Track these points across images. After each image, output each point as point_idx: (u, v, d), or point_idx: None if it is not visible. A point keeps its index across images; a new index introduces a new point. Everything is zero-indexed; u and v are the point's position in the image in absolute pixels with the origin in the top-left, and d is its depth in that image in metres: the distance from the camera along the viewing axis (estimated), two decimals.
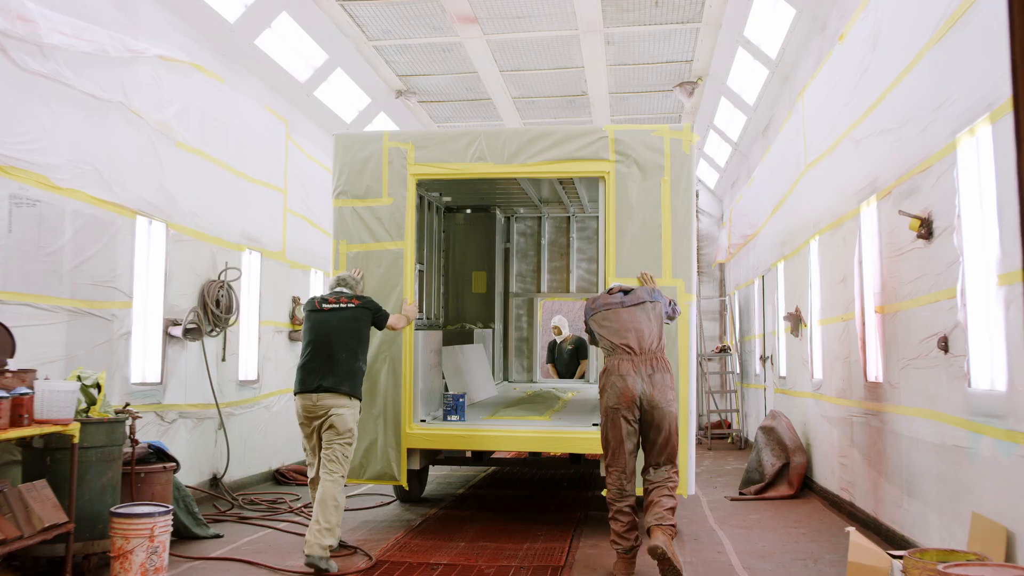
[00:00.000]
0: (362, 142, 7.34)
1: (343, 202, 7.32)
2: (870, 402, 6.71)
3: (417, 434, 7.08)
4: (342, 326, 6.24)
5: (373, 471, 7.01)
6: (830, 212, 7.91)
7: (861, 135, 6.86)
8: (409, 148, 7.15)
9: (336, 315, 6.28)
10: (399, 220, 7.13)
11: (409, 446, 7.06)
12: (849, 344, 7.27)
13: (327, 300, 6.40)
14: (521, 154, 7.02)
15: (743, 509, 8.26)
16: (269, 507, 8.28)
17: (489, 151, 7.03)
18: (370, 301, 6.51)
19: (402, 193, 7.15)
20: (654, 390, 5.61)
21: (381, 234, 7.17)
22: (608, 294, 6.12)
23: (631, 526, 5.58)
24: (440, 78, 11.83)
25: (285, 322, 10.45)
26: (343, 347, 6.17)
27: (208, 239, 8.55)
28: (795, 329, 9.42)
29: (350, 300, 6.36)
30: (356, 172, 7.28)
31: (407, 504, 8.40)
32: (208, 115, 8.56)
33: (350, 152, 7.34)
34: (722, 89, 11.70)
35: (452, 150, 7.11)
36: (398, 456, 7.02)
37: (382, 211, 7.17)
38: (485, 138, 7.06)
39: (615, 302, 5.96)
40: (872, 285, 6.63)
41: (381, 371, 7.09)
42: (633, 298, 5.96)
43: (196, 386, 8.27)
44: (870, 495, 6.78)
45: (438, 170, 7.17)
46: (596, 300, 6.15)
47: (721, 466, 11.49)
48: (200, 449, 8.33)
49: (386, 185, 7.17)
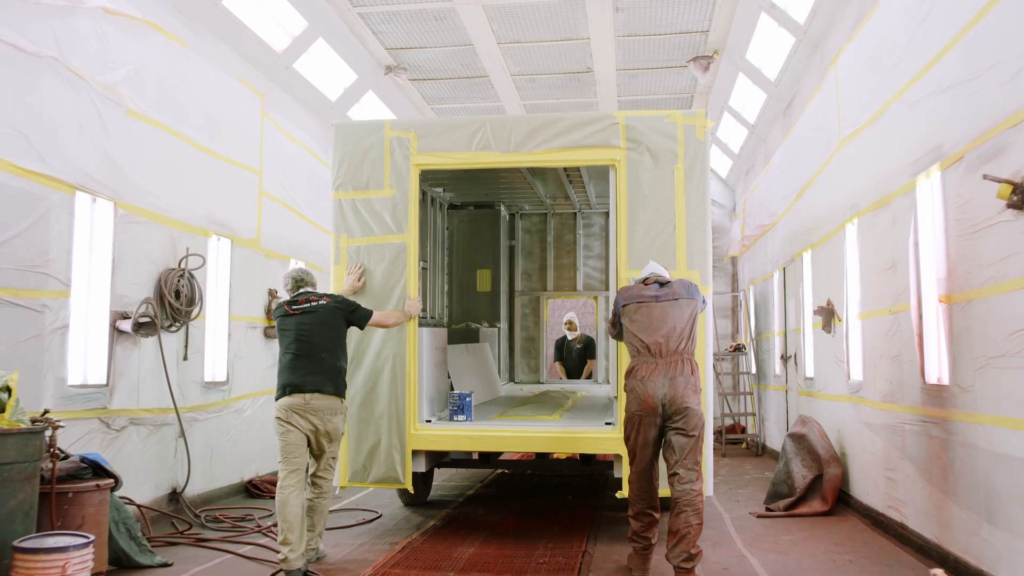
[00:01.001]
0: (363, 132, 7.02)
1: (343, 194, 6.98)
2: (930, 408, 5.72)
3: (422, 435, 6.78)
4: (317, 325, 5.93)
5: (376, 474, 6.69)
6: (873, 190, 6.92)
7: (918, 95, 5.87)
8: (411, 138, 6.91)
9: (308, 317, 5.95)
10: (402, 212, 6.86)
11: (414, 448, 6.73)
12: (900, 340, 6.28)
13: (296, 302, 6.04)
14: (527, 143, 6.77)
15: (773, 528, 7.27)
16: (234, 525, 7.29)
17: (495, 140, 6.79)
18: (342, 299, 6.15)
19: (404, 184, 6.88)
20: (676, 392, 5.42)
21: (383, 227, 6.88)
22: (643, 284, 5.81)
23: (651, 525, 5.59)
24: (433, 52, 10.83)
25: (260, 317, 9.45)
26: (322, 347, 5.90)
27: (167, 222, 7.56)
28: (827, 325, 8.42)
29: (320, 299, 6.03)
30: (356, 163, 6.96)
31: (411, 508, 8.13)
32: (167, 82, 7.57)
33: (350, 142, 7.00)
34: (740, 64, 10.71)
35: (456, 139, 6.86)
36: (403, 459, 6.69)
37: (384, 203, 6.90)
38: (490, 126, 6.81)
39: (650, 295, 5.68)
40: (934, 270, 5.64)
41: (384, 369, 6.73)
42: (669, 292, 5.68)
43: (151, 388, 7.27)
44: (931, 518, 5.79)
45: (441, 160, 6.91)
46: (630, 290, 5.83)
47: (739, 475, 10.50)
48: (156, 460, 7.33)
49: (388, 176, 6.91)
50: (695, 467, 5.41)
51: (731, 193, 15.75)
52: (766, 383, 12.56)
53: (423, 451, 6.82)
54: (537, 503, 8.60)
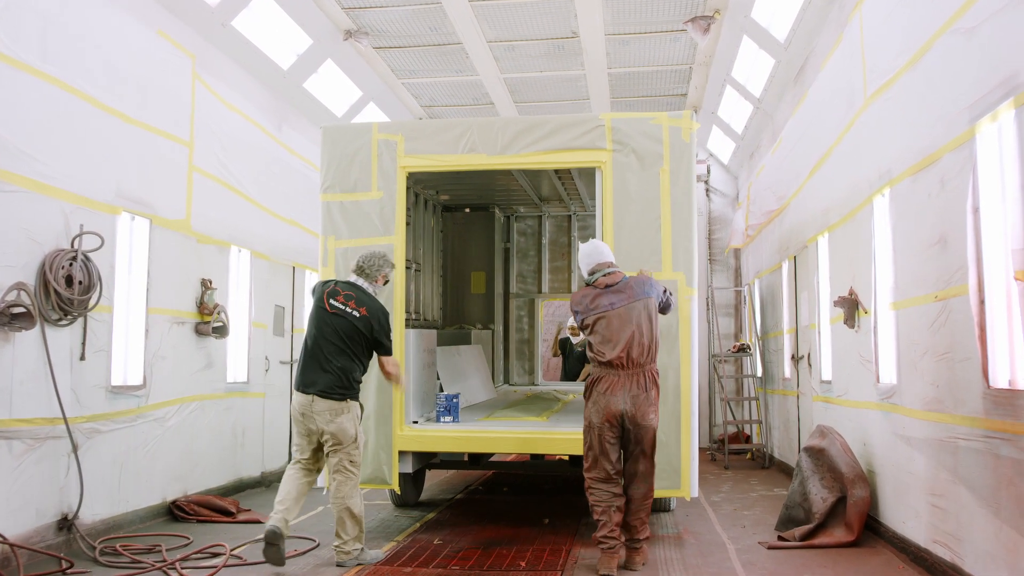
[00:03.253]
0: (350, 135, 7.17)
1: (331, 196, 7.10)
2: (997, 419, 4.43)
3: (408, 436, 6.91)
4: (343, 331, 5.92)
5: (364, 475, 6.62)
6: (913, 149, 5.63)
7: (978, 19, 4.59)
8: (399, 140, 7.04)
9: (340, 321, 5.93)
10: (389, 214, 6.98)
11: (401, 448, 6.86)
12: (952, 333, 4.98)
13: (336, 297, 5.98)
14: (514, 144, 6.92)
15: (788, 563, 5.96)
16: (133, 560, 5.98)
17: (481, 142, 6.94)
18: (379, 320, 6.01)
19: (392, 186, 7.00)
20: (636, 410, 5.71)
21: (371, 229, 6.98)
22: (594, 289, 5.90)
23: (616, 526, 5.75)
24: (395, 11, 9.52)
25: (190, 311, 8.14)
26: (340, 352, 5.90)
27: (57, 193, 6.27)
28: (850, 318, 7.12)
29: (358, 308, 5.96)
30: (344, 166, 7.08)
31: (401, 509, 8.13)
32: (56, 24, 6.29)
33: (338, 145, 7.13)
34: (745, 25, 9.42)
35: (443, 141, 7.01)
36: (389, 459, 6.80)
37: (371, 205, 7.02)
38: (477, 129, 6.97)
39: (605, 305, 5.80)
40: (1004, 240, 4.34)
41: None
42: (624, 298, 5.79)
43: (30, 394, 5.96)
44: (997, 562, 4.48)
45: (429, 162, 7.05)
46: (583, 301, 5.93)
47: (745, 492, 9.19)
48: (36, 482, 6.01)
49: (375, 178, 7.04)
50: (649, 470, 5.87)
51: (734, 180, 14.45)
52: (774, 387, 11.25)
53: (410, 452, 6.91)
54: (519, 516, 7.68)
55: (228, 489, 8.77)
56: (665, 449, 6.43)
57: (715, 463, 11.70)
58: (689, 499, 6.90)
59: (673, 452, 6.52)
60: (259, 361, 9.58)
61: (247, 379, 9.33)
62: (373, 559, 5.99)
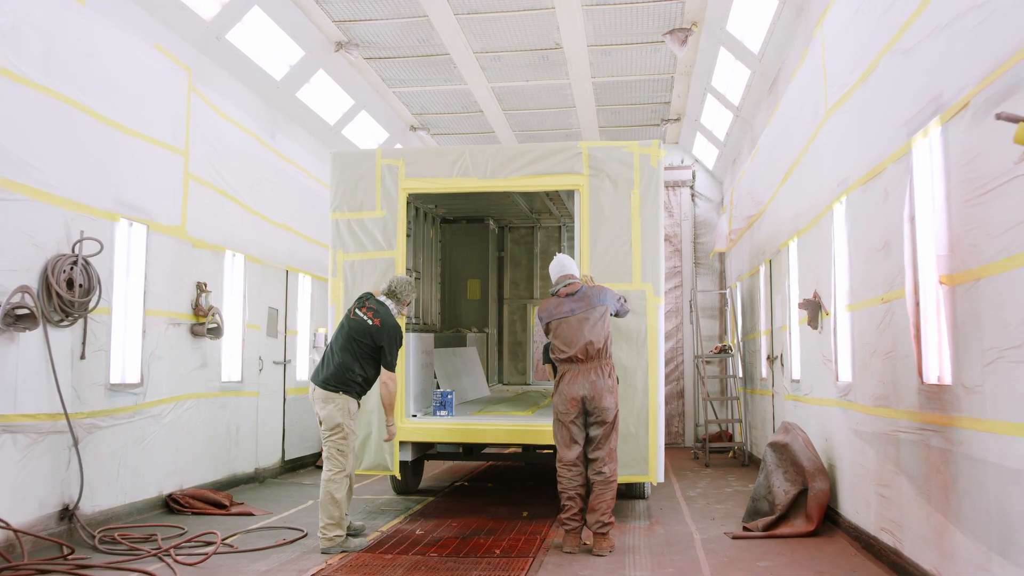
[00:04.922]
0: (357, 160, 7.96)
1: (339, 215, 7.91)
2: (929, 412, 4.78)
3: (408, 428, 7.78)
4: (355, 334, 6.47)
5: (368, 462, 7.57)
6: (864, 160, 5.98)
7: (913, 40, 4.94)
8: (400, 165, 7.85)
9: (355, 324, 6.51)
10: (391, 231, 7.78)
11: (401, 439, 7.65)
12: (894, 333, 5.33)
13: (362, 308, 6.59)
14: (503, 169, 7.72)
15: (749, 552, 6.31)
16: (131, 548, 6.33)
17: (473, 167, 7.74)
18: (391, 332, 6.48)
19: (394, 206, 7.80)
20: (595, 393, 6.41)
21: (374, 244, 7.80)
22: (557, 297, 6.69)
23: (579, 510, 6.43)
24: (384, 24, 9.89)
25: (186, 312, 8.50)
26: (349, 354, 6.43)
27: (58, 201, 6.62)
28: (813, 319, 7.47)
29: (374, 319, 6.49)
30: (351, 187, 7.88)
31: (402, 495, 8.87)
32: (59, 42, 6.65)
33: (346, 169, 7.93)
34: (721, 36, 9.78)
35: (439, 166, 7.82)
36: (391, 448, 7.53)
37: (375, 223, 7.81)
38: (469, 155, 7.77)
39: (566, 311, 6.57)
40: (933, 246, 4.70)
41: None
42: (582, 305, 6.56)
43: (34, 390, 6.32)
44: (929, 545, 4.83)
45: (426, 184, 7.89)
46: (548, 308, 6.72)
47: (720, 488, 9.53)
48: (39, 474, 6.36)
49: (379, 199, 7.83)
50: (610, 455, 6.45)
51: (718, 185, 14.80)
52: (753, 387, 11.61)
53: (409, 442, 7.88)
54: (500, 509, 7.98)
55: (222, 484, 9.12)
56: (635, 440, 7.26)
57: (697, 461, 12.04)
58: (655, 484, 7.66)
59: (642, 443, 7.30)
60: (253, 361, 9.94)
61: (241, 378, 9.69)
62: (357, 547, 6.34)
